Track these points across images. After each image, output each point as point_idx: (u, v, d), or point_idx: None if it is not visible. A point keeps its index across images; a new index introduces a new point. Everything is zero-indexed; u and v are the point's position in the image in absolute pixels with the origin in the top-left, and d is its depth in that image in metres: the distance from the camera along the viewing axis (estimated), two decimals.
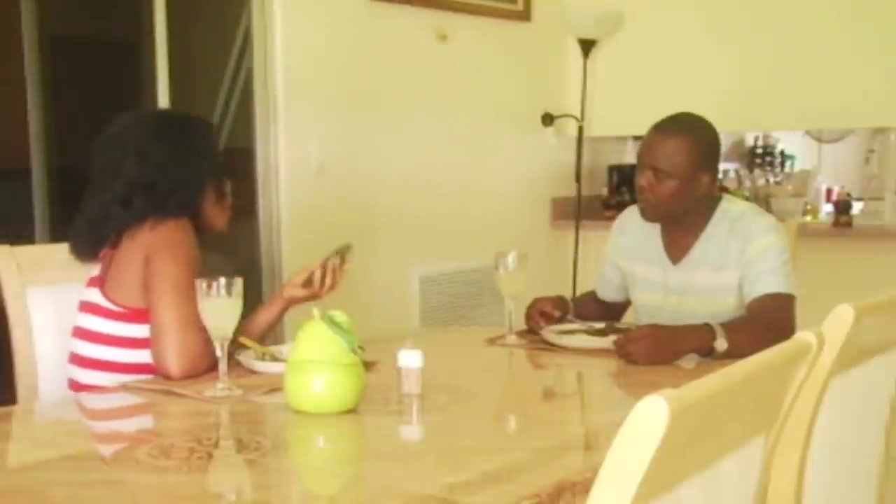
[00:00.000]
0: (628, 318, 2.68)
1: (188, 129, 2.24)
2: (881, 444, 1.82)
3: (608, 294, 2.69)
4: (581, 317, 2.53)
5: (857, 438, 1.74)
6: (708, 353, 2.15)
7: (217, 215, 2.24)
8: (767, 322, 2.26)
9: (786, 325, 2.25)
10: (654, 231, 2.52)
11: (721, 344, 2.14)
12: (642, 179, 2.41)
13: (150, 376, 2.02)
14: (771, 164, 6.71)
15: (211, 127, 2.35)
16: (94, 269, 2.18)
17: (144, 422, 1.93)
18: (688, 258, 2.46)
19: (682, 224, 2.46)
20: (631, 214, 2.64)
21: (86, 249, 2.19)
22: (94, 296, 2.13)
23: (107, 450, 1.55)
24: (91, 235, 2.17)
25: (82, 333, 2.14)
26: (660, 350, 2.13)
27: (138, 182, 2.11)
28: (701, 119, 2.45)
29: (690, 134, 2.39)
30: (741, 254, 2.37)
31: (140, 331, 2.06)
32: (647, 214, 2.46)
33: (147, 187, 2.11)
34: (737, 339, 2.14)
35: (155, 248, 2.05)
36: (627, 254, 2.60)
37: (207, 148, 2.23)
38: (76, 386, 2.13)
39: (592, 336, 2.36)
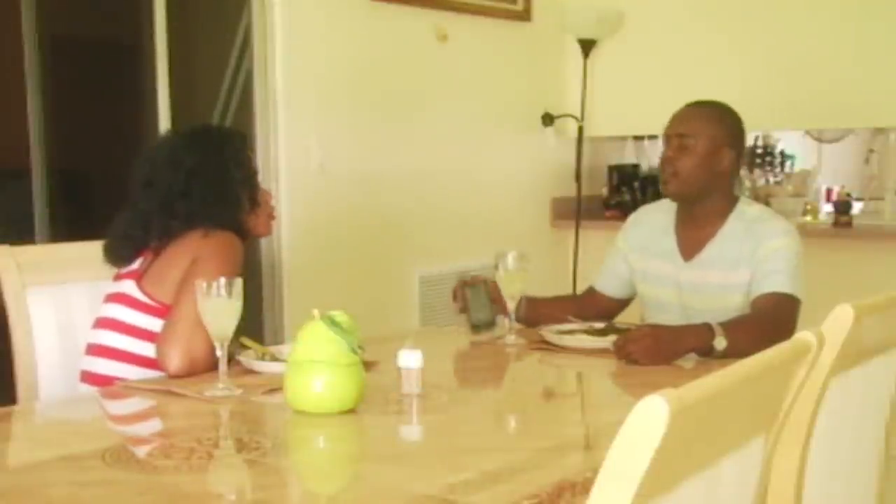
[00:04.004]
0: (633, 317, 2.68)
1: (219, 138, 2.28)
2: (881, 444, 1.82)
3: (608, 289, 2.68)
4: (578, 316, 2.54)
5: (857, 438, 1.74)
6: (707, 353, 2.15)
7: (256, 224, 2.27)
8: (767, 321, 2.26)
9: (785, 326, 2.25)
10: (668, 226, 2.54)
11: (720, 343, 2.14)
12: (668, 150, 2.48)
13: (159, 374, 2.03)
14: (771, 164, 6.71)
15: (244, 138, 2.36)
16: (125, 266, 2.20)
17: (144, 422, 1.93)
18: (700, 256, 2.47)
19: (698, 217, 2.48)
20: (646, 211, 2.68)
21: (123, 254, 2.20)
22: (128, 287, 2.14)
23: (107, 450, 1.55)
24: (129, 242, 2.19)
25: (109, 323, 2.14)
26: (659, 350, 2.14)
27: (174, 189, 2.14)
28: (731, 108, 2.55)
29: (718, 109, 2.52)
30: (753, 253, 2.39)
31: None
32: (670, 187, 2.49)
33: (184, 194, 2.14)
34: (736, 338, 2.14)
35: (205, 253, 2.07)
36: (639, 248, 2.60)
37: (239, 157, 2.24)
38: (91, 378, 2.12)
39: (592, 336, 2.36)
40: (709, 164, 2.44)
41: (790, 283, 2.34)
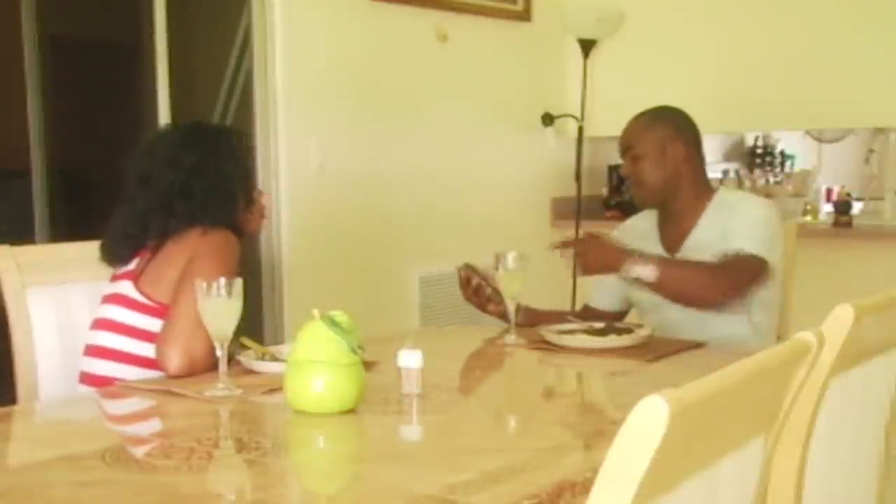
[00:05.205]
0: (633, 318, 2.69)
1: (217, 136, 2.27)
2: (881, 444, 1.82)
3: (602, 303, 2.70)
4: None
5: (857, 438, 1.74)
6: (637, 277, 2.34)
7: (248, 221, 2.26)
8: (717, 267, 2.36)
9: (739, 276, 2.40)
10: (651, 230, 2.58)
11: (647, 271, 2.32)
12: (624, 167, 2.61)
13: (158, 374, 2.03)
14: (771, 164, 6.72)
15: (241, 135, 2.36)
16: (122, 267, 2.19)
17: (144, 422, 1.93)
18: (684, 247, 2.51)
19: (676, 213, 2.52)
20: (629, 221, 2.74)
21: (121, 254, 2.20)
22: (125, 288, 2.13)
23: (107, 450, 1.55)
24: (127, 241, 2.18)
25: (106, 324, 2.13)
26: (604, 253, 2.36)
27: (173, 188, 2.14)
28: (669, 106, 2.61)
29: (651, 113, 2.58)
30: (729, 227, 2.44)
31: None
32: (636, 199, 2.60)
33: (184, 193, 2.13)
34: (670, 272, 2.33)
35: (202, 251, 2.07)
36: None
37: (236, 155, 2.24)
38: (90, 379, 2.12)
39: (592, 336, 2.36)
40: (661, 164, 2.50)
41: (755, 245, 2.39)
